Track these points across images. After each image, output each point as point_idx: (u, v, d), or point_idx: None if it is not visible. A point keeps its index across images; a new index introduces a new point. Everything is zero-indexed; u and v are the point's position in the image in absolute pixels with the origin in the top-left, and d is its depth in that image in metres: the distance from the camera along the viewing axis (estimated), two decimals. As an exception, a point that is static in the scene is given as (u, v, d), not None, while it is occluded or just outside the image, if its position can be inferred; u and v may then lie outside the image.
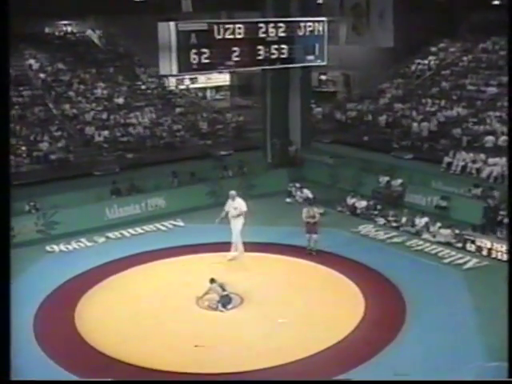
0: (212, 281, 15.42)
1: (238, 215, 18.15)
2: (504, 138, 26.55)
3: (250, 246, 18.45)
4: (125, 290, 16.37)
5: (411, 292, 15.60)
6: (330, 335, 13.75)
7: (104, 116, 30.90)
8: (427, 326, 14.11)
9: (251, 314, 14.94)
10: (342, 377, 12.03)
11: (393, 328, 14.01)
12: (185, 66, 20.64)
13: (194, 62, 20.52)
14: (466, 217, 20.60)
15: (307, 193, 23.34)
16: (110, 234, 20.24)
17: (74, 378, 12.28)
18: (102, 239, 19.88)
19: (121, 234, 20.41)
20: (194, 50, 20.50)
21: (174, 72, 20.87)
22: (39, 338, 13.80)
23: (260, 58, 22.46)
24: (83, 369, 12.75)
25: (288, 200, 23.85)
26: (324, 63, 24.42)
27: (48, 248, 19.14)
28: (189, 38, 20.29)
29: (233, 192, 18.54)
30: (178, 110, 33.69)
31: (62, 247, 19.23)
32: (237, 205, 18.28)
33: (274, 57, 22.74)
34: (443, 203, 21.57)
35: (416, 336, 13.67)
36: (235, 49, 21.52)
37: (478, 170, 25.23)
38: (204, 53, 20.68)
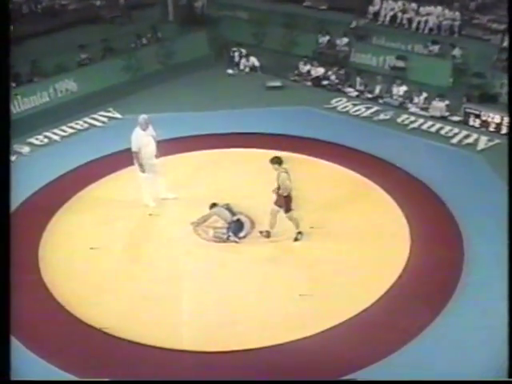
0: (213, 205, 11.37)
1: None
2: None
3: (206, 141, 14.26)
4: (93, 221, 11.60)
5: (442, 189, 11.99)
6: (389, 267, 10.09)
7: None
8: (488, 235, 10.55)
9: (272, 244, 10.84)
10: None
11: (453, 245, 10.51)
12: None
13: None
14: (427, 78, 17.53)
15: (254, 60, 18.91)
16: (33, 140, 14.77)
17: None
18: (25, 149, 14.35)
19: (46, 137, 14.97)
20: None
21: None
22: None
23: None
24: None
25: (230, 71, 18.98)
26: None
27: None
28: None
29: (144, 116, 11.63)
30: (48, -37, 26.59)
31: (-23, 168, 13.52)
32: (154, 133, 11.80)
33: None
34: (400, 63, 18.16)
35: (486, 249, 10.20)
36: None
37: (410, 21, 21.94)
38: None
